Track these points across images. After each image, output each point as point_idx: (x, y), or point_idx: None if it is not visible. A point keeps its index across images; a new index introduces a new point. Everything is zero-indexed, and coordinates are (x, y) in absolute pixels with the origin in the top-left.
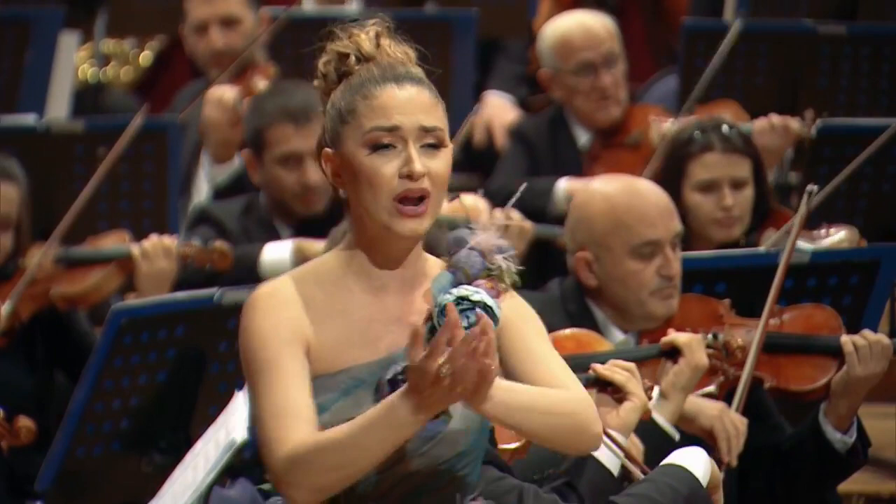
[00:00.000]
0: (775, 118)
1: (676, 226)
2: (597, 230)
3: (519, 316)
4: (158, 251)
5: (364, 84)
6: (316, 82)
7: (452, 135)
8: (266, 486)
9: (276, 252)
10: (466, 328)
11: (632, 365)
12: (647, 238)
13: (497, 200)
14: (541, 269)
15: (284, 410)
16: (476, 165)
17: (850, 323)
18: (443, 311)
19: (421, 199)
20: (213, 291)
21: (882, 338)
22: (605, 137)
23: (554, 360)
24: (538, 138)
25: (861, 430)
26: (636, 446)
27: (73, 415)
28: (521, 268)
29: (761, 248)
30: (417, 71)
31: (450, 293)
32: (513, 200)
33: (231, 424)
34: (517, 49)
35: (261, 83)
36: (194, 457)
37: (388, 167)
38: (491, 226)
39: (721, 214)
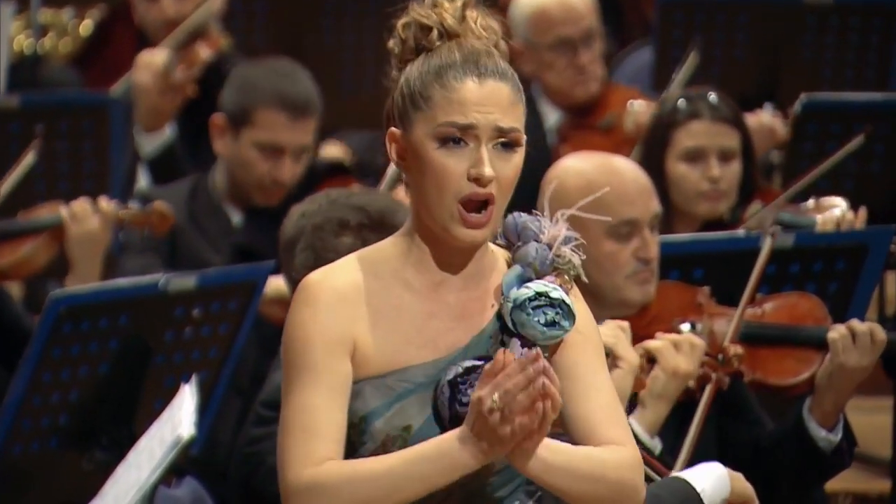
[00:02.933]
0: (765, 117)
1: (655, 206)
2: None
3: (581, 329)
4: (88, 212)
5: (443, 71)
6: (392, 43)
7: None
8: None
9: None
10: (544, 325)
11: (624, 323)
12: (625, 217)
13: None
14: None
15: (315, 425)
16: None
17: (837, 311)
18: (518, 307)
19: (485, 204)
20: (158, 278)
21: (872, 328)
22: (576, 117)
23: (607, 395)
24: None
25: (847, 429)
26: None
27: (9, 409)
28: (583, 257)
29: (740, 232)
30: (502, 62)
31: (526, 287)
32: None
33: (177, 420)
34: None
35: (204, 53)
36: (138, 454)
37: (457, 165)
38: (561, 216)
39: (707, 186)
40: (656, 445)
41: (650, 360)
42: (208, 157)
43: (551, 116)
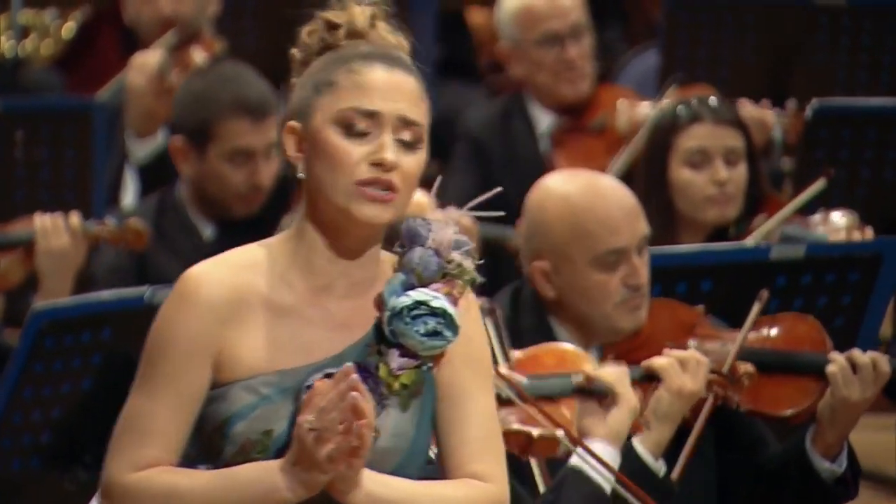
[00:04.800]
0: (752, 109)
1: (643, 228)
2: (555, 238)
3: (468, 346)
4: (59, 227)
5: (351, 58)
6: (295, 51)
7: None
8: None
9: None
10: (423, 335)
11: (623, 368)
12: (611, 247)
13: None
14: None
15: (151, 431)
16: (437, 153)
17: (851, 324)
18: (396, 316)
19: (388, 188)
20: (143, 290)
21: (875, 359)
22: (568, 120)
23: (484, 423)
24: (488, 132)
25: (852, 458)
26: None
27: None
28: (479, 262)
29: (750, 242)
30: (410, 61)
31: (406, 296)
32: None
33: None
34: None
35: (199, 56)
36: None
37: (356, 150)
38: (447, 219)
39: (715, 190)
40: (660, 468)
41: (653, 378)
42: None
43: (543, 121)
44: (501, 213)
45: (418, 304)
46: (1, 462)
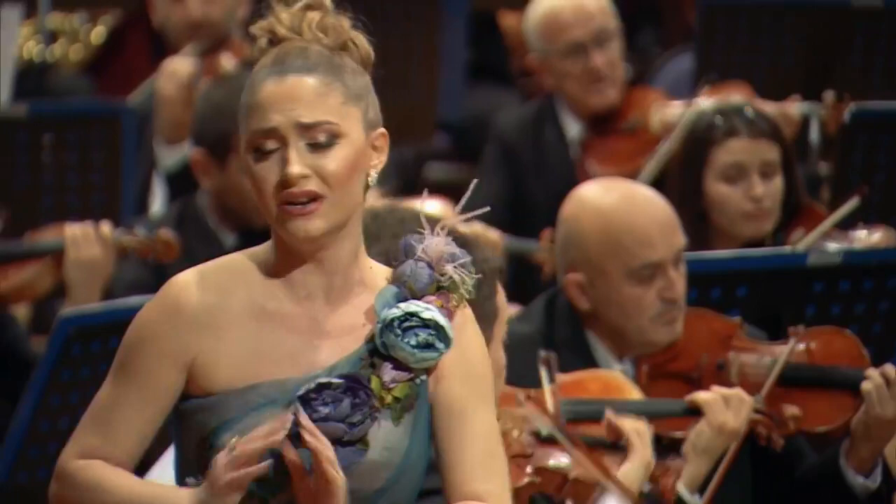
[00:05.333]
0: (769, 105)
1: (679, 241)
2: (590, 251)
3: (463, 366)
4: (89, 237)
5: (253, 77)
6: None
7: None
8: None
9: None
10: (415, 347)
11: (643, 424)
12: (646, 260)
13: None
14: (518, 289)
15: (108, 424)
16: (469, 156)
17: (890, 332)
18: (387, 327)
19: (310, 199)
20: None
21: None
22: (599, 125)
23: (485, 441)
24: (519, 136)
25: (887, 473)
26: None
27: (15, 435)
28: (477, 276)
29: (787, 248)
30: (317, 55)
31: (397, 307)
32: (463, 200)
33: None
34: None
35: (228, 62)
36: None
37: (270, 174)
38: (442, 231)
39: (751, 206)
40: (696, 502)
41: (695, 412)
42: None
43: (574, 127)
44: (486, 210)
45: (409, 315)
46: (27, 471)
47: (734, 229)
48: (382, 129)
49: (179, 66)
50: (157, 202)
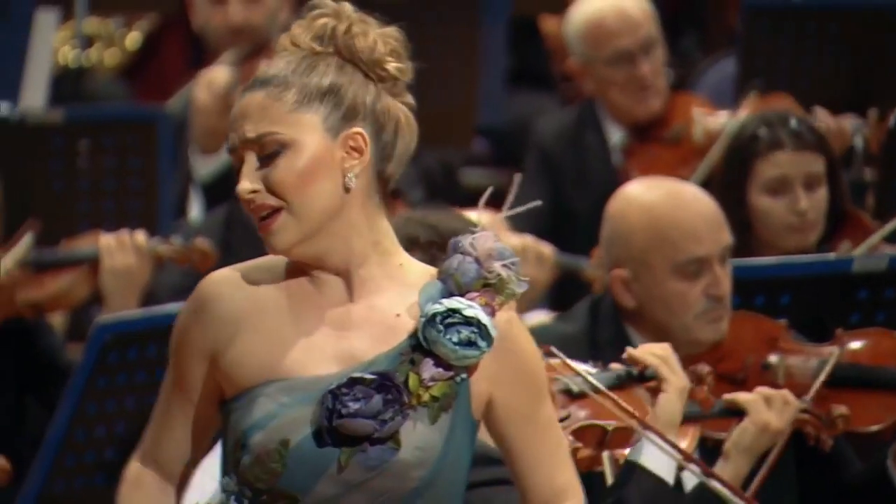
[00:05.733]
0: (829, 119)
1: (726, 238)
2: (635, 246)
3: (515, 368)
4: (124, 245)
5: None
6: None
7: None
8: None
9: None
10: (456, 344)
11: (665, 347)
12: (693, 255)
13: (516, 221)
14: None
15: (158, 422)
16: (507, 156)
17: None
18: (429, 322)
19: (271, 213)
20: None
21: None
22: (641, 132)
23: (552, 436)
24: (559, 143)
25: None
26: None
27: (51, 444)
28: (524, 279)
29: (831, 255)
30: (283, 66)
31: (440, 303)
32: (482, 201)
33: None
34: None
35: None
36: (188, 490)
37: (238, 189)
38: (492, 229)
39: (795, 219)
40: (737, 501)
41: (736, 413)
42: None
43: (615, 133)
44: (537, 203)
45: (451, 311)
46: (65, 479)
47: (777, 241)
48: (358, 129)
49: (217, 75)
50: (195, 211)
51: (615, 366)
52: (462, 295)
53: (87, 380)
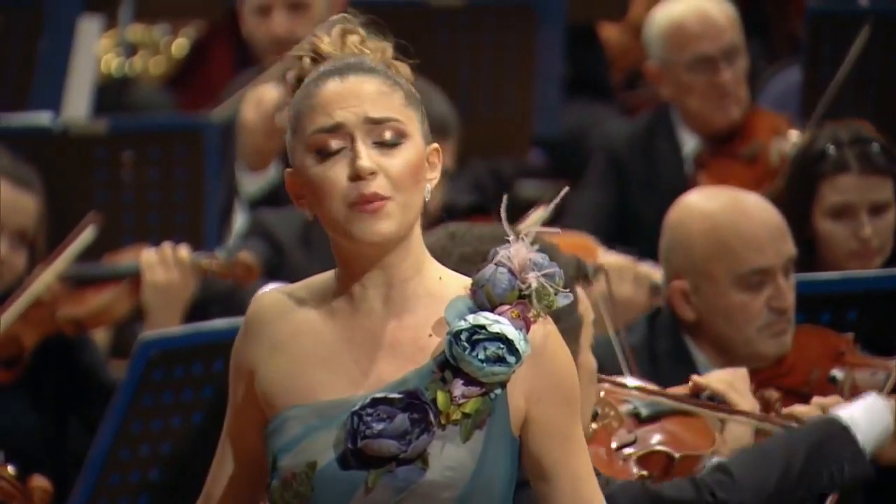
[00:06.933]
0: None
1: (790, 249)
2: (696, 255)
3: (552, 385)
4: (167, 260)
5: (307, 85)
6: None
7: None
8: None
9: None
10: (483, 361)
11: (732, 372)
12: (755, 266)
13: (580, 225)
14: None
15: (223, 443)
16: (564, 168)
17: None
18: (455, 340)
19: (376, 198)
20: None
21: None
22: (716, 144)
23: (585, 452)
24: (629, 148)
25: None
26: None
27: (95, 463)
28: (564, 291)
29: None
30: (374, 61)
31: (465, 320)
32: (552, 206)
33: None
34: None
35: None
36: None
37: (339, 173)
38: (526, 238)
39: (857, 245)
40: None
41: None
42: None
43: (689, 142)
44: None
45: (477, 328)
46: (108, 499)
47: (840, 266)
48: (435, 145)
49: (265, 94)
50: (238, 226)
51: (680, 390)
52: (493, 307)
53: (131, 398)
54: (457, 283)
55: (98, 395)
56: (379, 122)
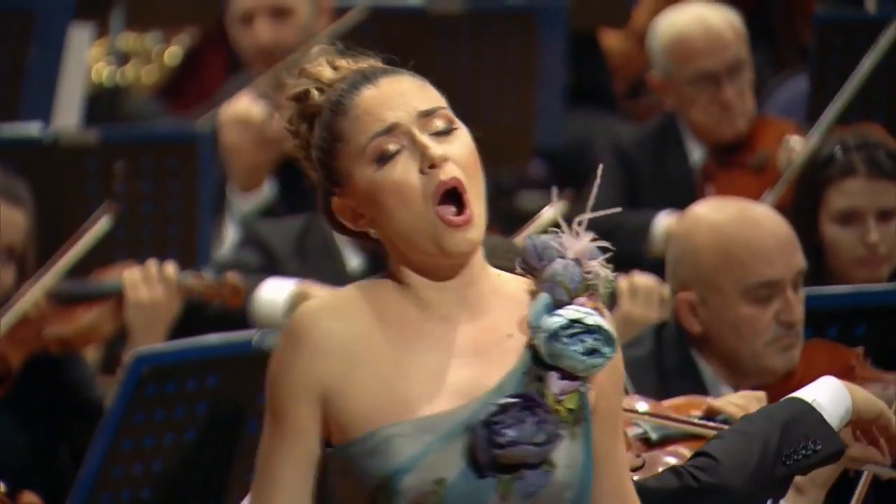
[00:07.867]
0: None
1: (799, 262)
2: (703, 267)
3: (611, 373)
4: (151, 278)
5: (336, 104)
6: (292, 146)
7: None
8: None
9: (273, 291)
10: (583, 355)
11: (760, 393)
12: (764, 278)
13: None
14: None
15: (264, 469)
16: (565, 179)
17: None
18: (552, 337)
19: (458, 197)
20: (251, 334)
21: None
22: (723, 154)
23: (624, 451)
24: (640, 154)
25: None
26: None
27: (86, 482)
28: (616, 275)
29: None
30: (384, 64)
31: (558, 315)
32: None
33: None
34: None
35: None
36: None
37: (407, 173)
38: (580, 226)
39: (864, 252)
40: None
41: None
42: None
43: (696, 152)
44: (617, 210)
45: (573, 322)
46: None
47: (847, 273)
48: None
49: (247, 111)
50: (228, 245)
51: (691, 407)
52: (571, 301)
53: (123, 415)
54: (509, 278)
55: (86, 412)
56: (429, 112)
